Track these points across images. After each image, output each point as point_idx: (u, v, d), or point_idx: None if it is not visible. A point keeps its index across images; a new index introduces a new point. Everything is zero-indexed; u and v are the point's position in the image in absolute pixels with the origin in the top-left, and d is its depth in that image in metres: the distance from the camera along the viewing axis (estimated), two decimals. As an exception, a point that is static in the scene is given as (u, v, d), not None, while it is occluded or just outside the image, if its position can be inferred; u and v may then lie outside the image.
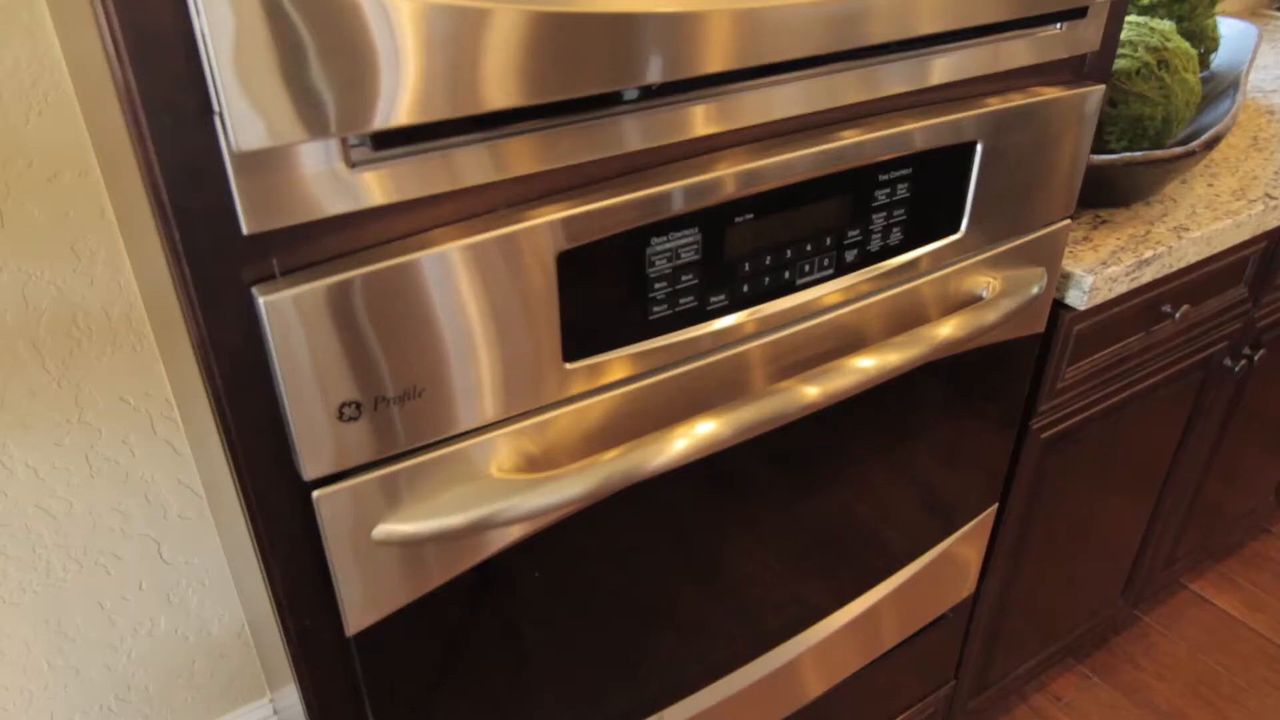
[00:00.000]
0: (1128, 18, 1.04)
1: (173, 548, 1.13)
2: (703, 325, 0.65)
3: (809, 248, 0.68)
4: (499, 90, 0.48)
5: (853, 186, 0.68)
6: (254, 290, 0.48)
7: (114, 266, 0.96)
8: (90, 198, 0.92)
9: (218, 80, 0.42)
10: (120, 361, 1.00)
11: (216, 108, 0.43)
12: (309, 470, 0.54)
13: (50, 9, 0.82)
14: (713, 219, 0.62)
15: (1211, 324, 1.16)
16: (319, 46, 0.43)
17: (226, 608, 1.21)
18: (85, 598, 1.10)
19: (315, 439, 0.53)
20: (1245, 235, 1.05)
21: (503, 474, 0.61)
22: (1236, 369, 1.22)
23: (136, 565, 1.11)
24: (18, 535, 1.02)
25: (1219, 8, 1.21)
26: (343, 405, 0.53)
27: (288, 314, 0.49)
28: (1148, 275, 0.96)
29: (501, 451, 0.60)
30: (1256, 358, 1.24)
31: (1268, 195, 1.07)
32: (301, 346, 0.50)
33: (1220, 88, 1.17)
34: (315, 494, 0.55)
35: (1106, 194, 1.01)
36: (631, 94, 0.55)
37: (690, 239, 0.61)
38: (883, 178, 0.69)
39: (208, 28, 0.40)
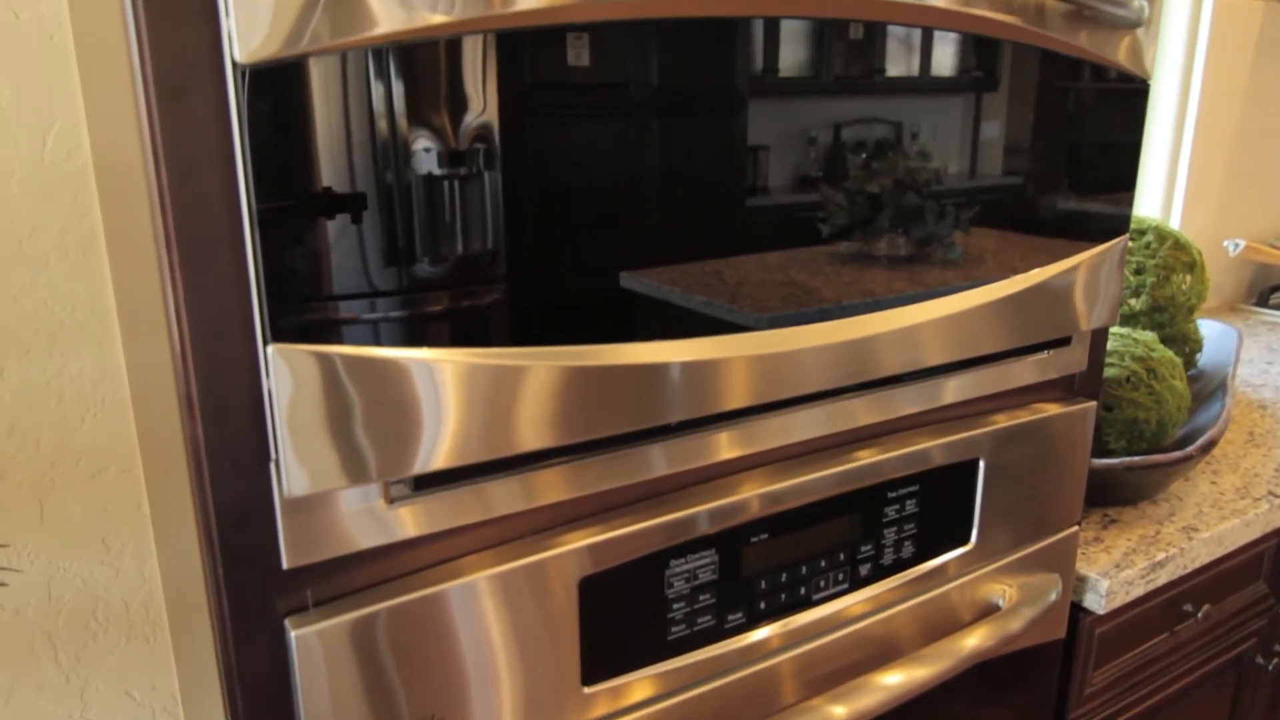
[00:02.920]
0: (1111, 328, 1.12)
1: None
2: (721, 644, 0.65)
3: (823, 564, 0.70)
4: (532, 434, 0.52)
5: (865, 503, 0.71)
6: (287, 623, 0.50)
7: (140, 559, 0.98)
8: (129, 493, 0.96)
9: (278, 434, 0.46)
10: (133, 653, 0.99)
11: (274, 456, 0.47)
12: (320, 806, 0.52)
13: (122, 329, 0.90)
14: (730, 539, 0.64)
15: (1235, 622, 1.14)
16: (370, 405, 0.47)
17: None
18: None
19: (330, 773, 0.52)
20: (1255, 534, 1.06)
21: (516, 805, 0.59)
22: (1270, 667, 1.18)
23: None
24: (-4, 845, 0.96)
25: (1200, 304, 1.29)
26: (361, 737, 0.53)
27: (317, 648, 0.50)
28: (1163, 577, 0.96)
29: (516, 780, 0.59)
30: (1289, 655, 1.21)
31: (1271, 494, 1.09)
32: (328, 679, 0.51)
33: (1210, 387, 1.22)
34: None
35: (1113, 494, 1.03)
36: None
37: (708, 559, 0.63)
38: (892, 494, 0.72)
39: (275, 389, 0.45)
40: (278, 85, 0.42)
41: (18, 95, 0.81)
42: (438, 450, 0.49)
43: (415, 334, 0.48)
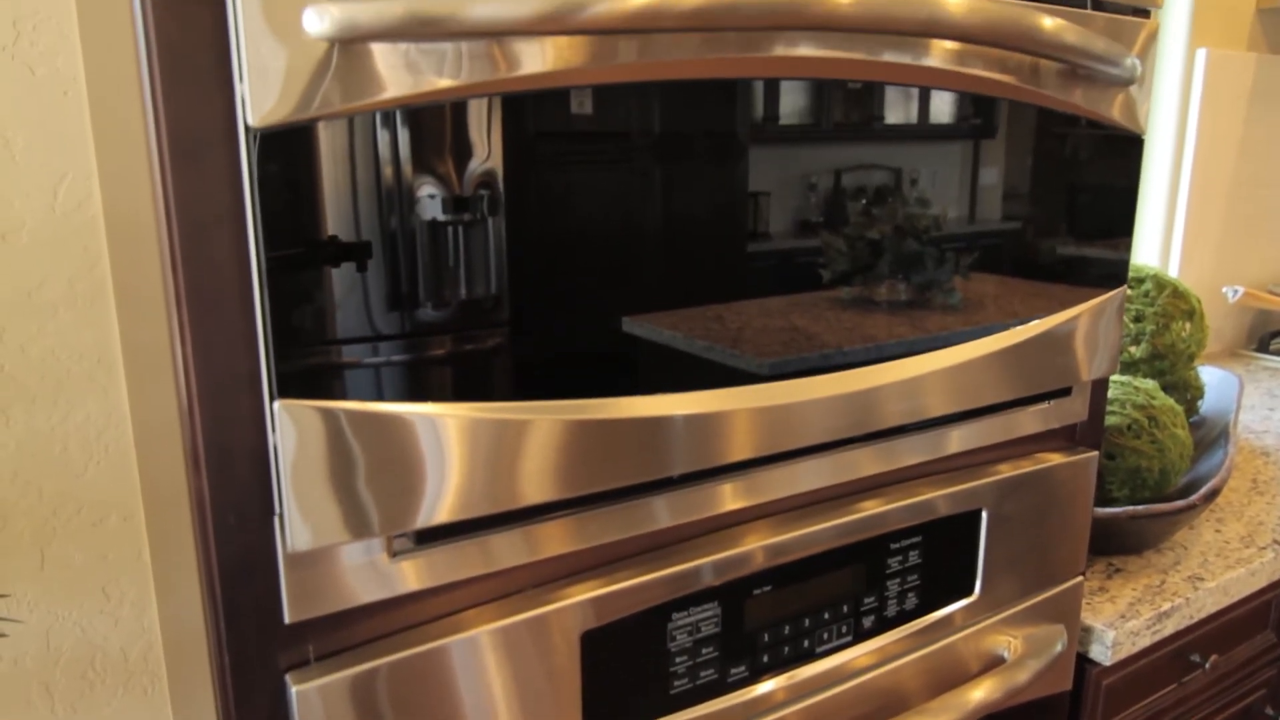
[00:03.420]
0: (1112, 376, 1.12)
1: None
2: (724, 698, 0.65)
3: (827, 616, 0.69)
4: (535, 488, 0.52)
5: (869, 554, 0.71)
6: (288, 677, 0.50)
7: (140, 608, 0.98)
8: (130, 541, 0.96)
9: (283, 489, 0.46)
10: (130, 704, 0.99)
11: (278, 510, 0.47)
12: None
13: (128, 377, 0.91)
14: (733, 591, 0.64)
15: (1244, 672, 1.13)
16: (374, 460, 0.47)
17: None
18: None
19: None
20: (1261, 583, 1.05)
21: None
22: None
23: None
24: None
25: (1201, 351, 1.30)
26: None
27: (318, 703, 0.50)
28: (1169, 627, 0.96)
29: (517, 838, 0.58)
30: (1299, 707, 1.19)
31: (1276, 542, 1.08)
32: (327, 735, 0.50)
33: (1212, 434, 1.22)
34: None
35: (1117, 542, 1.03)
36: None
37: (711, 612, 0.63)
38: (895, 545, 0.72)
39: (281, 444, 0.46)
40: (288, 147, 0.43)
41: (31, 148, 0.82)
42: (441, 504, 0.50)
43: (419, 381, 0.49)
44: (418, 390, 0.49)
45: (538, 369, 0.52)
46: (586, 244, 0.52)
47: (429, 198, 0.47)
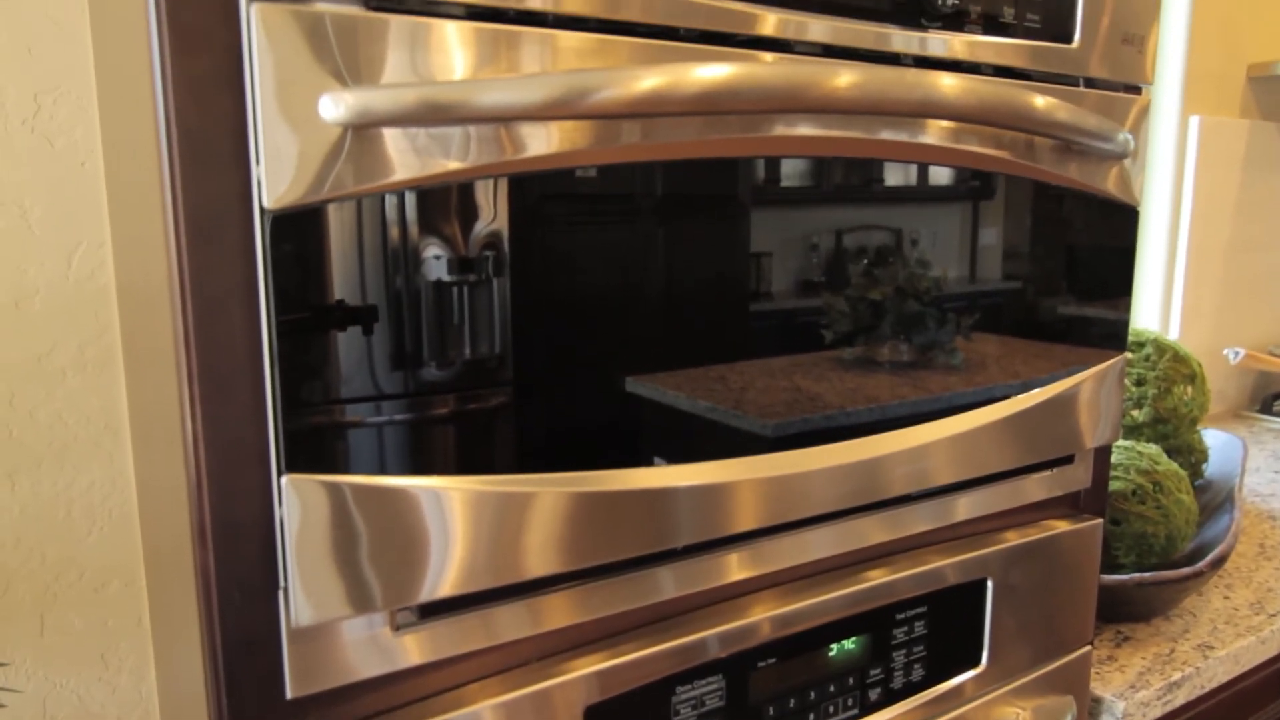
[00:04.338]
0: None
1: None
2: (728, 773, 0.64)
3: (833, 688, 0.69)
4: (539, 560, 0.52)
5: (875, 624, 0.70)
6: (289, 756, 0.49)
7: (139, 675, 0.97)
8: (131, 607, 0.95)
9: (289, 564, 0.46)
10: (124, 775, 0.97)
11: (283, 584, 0.47)
12: None
13: (134, 443, 0.91)
14: (739, 663, 0.64)
15: (1259, 743, 1.11)
16: (379, 534, 0.48)
17: None
18: None
19: None
20: (1272, 651, 1.04)
21: None
22: (1298, 792, 1.14)
23: None
24: None
25: (1203, 415, 1.30)
26: None
27: (318, 781, 0.49)
28: (1180, 697, 0.94)
29: None
30: (1317, 779, 1.16)
31: (1287, 609, 1.07)
32: (327, 814, 0.50)
33: (1218, 499, 1.22)
34: None
35: (1125, 610, 1.02)
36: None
37: (716, 685, 0.63)
38: (901, 616, 0.71)
39: (288, 520, 0.46)
40: (300, 226, 0.44)
41: (47, 217, 0.84)
42: (445, 578, 0.50)
43: (424, 448, 0.49)
44: (422, 458, 0.49)
45: (541, 433, 0.53)
46: (590, 304, 0.53)
47: (434, 258, 0.48)
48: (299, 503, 0.46)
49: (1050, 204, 0.73)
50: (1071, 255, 0.76)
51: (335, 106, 0.43)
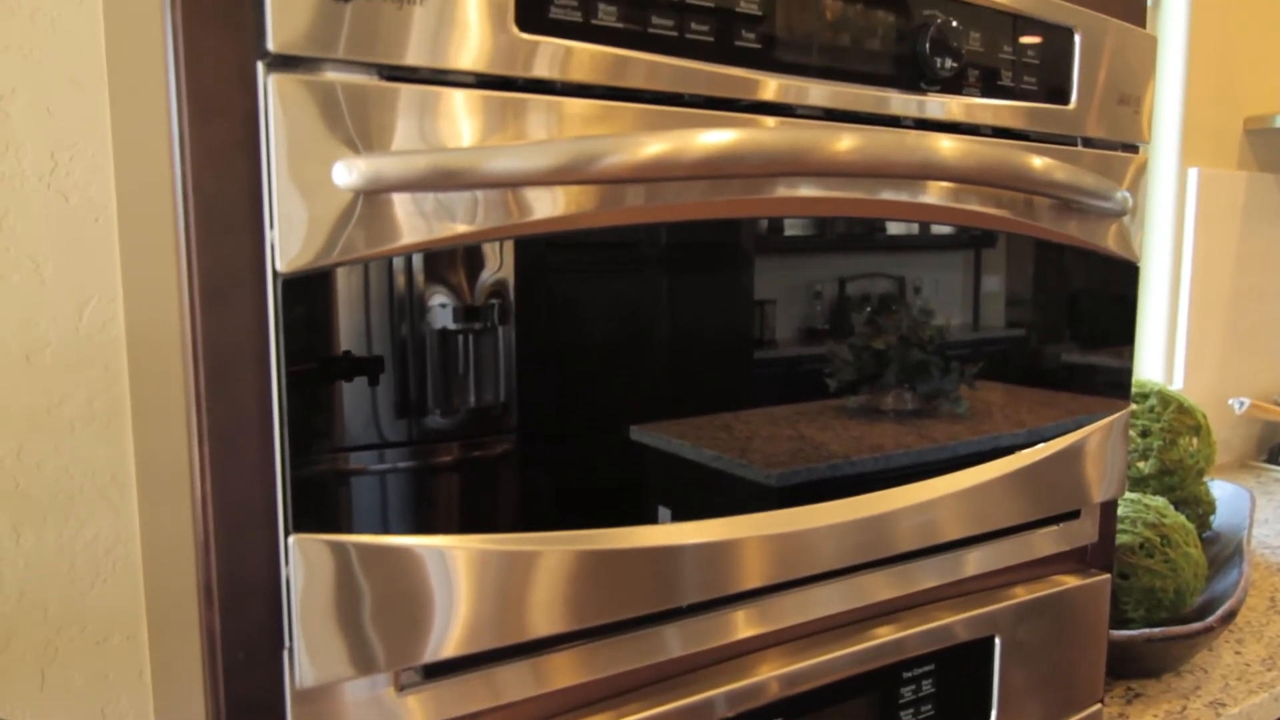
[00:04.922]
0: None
1: None
2: (735, 837, 0.63)
3: (839, 749, 0.68)
4: (544, 619, 0.52)
5: (883, 682, 0.69)
6: (290, 821, 0.49)
7: (139, 730, 0.96)
8: (132, 661, 0.95)
9: (294, 624, 0.46)
10: (121, 834, 0.95)
11: (288, 645, 0.47)
12: None
13: (140, 495, 0.92)
14: (742, 723, 0.63)
15: (1276, 804, 1.08)
16: (382, 594, 0.48)
17: None
18: None
19: None
20: (1287, 709, 1.02)
21: None
22: None
23: None
24: None
25: (1210, 466, 1.29)
26: None
27: (319, 846, 0.48)
28: (1194, 757, 0.93)
29: None
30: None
31: (1299, 665, 1.06)
32: None
33: (1226, 551, 1.21)
34: None
35: (1135, 666, 1.01)
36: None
37: (720, 746, 0.62)
38: (908, 674, 0.71)
39: (294, 580, 0.46)
40: (311, 289, 0.45)
41: (59, 271, 0.85)
42: (449, 638, 0.50)
43: (428, 504, 0.49)
44: (427, 510, 0.49)
45: (546, 482, 0.53)
46: (595, 351, 0.54)
47: (440, 307, 0.49)
48: (304, 563, 0.46)
49: (1052, 253, 0.74)
50: (1073, 305, 0.76)
51: (348, 173, 0.44)
